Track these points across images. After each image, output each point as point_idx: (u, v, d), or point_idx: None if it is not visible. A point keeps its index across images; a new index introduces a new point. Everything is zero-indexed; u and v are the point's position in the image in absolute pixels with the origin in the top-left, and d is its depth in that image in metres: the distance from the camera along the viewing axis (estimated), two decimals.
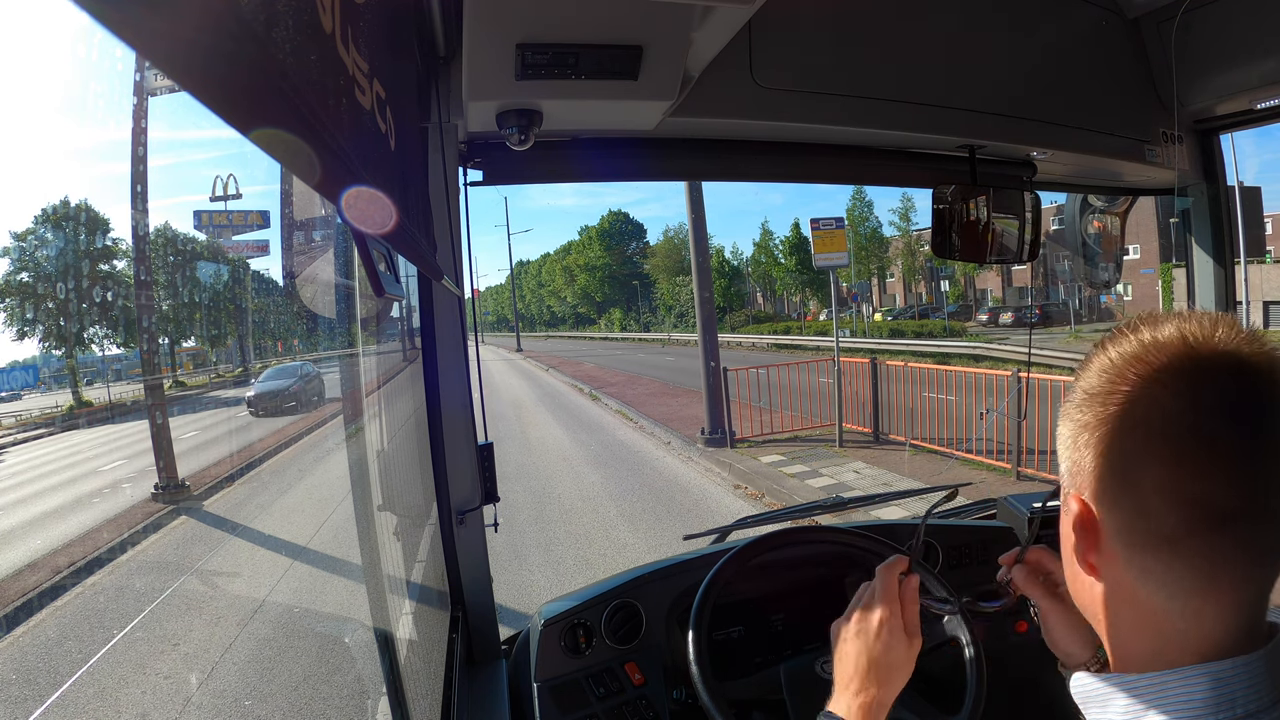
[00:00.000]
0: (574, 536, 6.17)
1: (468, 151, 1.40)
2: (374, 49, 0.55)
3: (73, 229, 17.25)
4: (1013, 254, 1.64)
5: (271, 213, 16.63)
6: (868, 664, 0.85)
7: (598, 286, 62.82)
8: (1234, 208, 1.88)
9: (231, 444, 12.37)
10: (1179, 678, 0.51)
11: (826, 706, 0.85)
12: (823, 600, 1.54)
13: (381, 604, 1.31)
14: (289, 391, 14.89)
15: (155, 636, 4.71)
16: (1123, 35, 1.66)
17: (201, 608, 5.30)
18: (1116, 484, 0.53)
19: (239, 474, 9.55)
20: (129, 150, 9.20)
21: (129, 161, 9.22)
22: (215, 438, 12.89)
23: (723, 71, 1.25)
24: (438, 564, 1.48)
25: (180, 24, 0.21)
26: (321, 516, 7.00)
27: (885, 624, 0.87)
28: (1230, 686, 0.50)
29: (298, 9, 0.33)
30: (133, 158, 9.10)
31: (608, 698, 1.35)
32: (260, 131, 0.27)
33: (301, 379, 15.29)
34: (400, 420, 1.65)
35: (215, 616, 5.07)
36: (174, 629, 4.85)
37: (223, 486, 8.94)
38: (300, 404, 14.62)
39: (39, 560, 6.29)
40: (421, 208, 1.04)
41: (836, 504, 2.00)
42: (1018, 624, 1.53)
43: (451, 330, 1.40)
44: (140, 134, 8.99)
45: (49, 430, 14.52)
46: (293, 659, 4.26)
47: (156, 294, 17.84)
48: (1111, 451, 0.53)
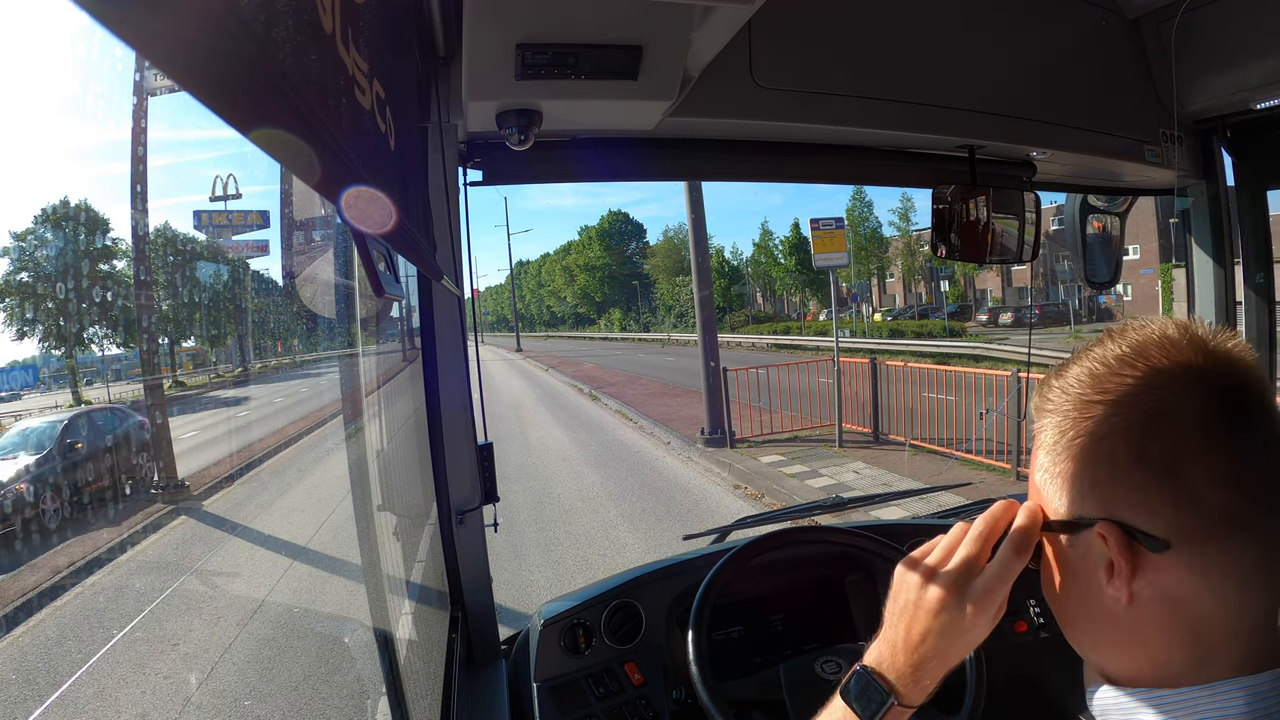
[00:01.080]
0: (574, 537, 6.16)
1: (467, 151, 1.40)
2: (374, 49, 0.55)
3: (72, 229, 17.23)
4: (1012, 254, 1.64)
5: (271, 213, 16.63)
6: (933, 614, 0.62)
7: (597, 287, 62.83)
8: (1234, 209, 1.88)
9: (232, 444, 12.35)
10: (1211, 693, 0.50)
11: (862, 659, 0.67)
12: (823, 600, 1.54)
13: (381, 604, 1.31)
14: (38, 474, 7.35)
15: (155, 636, 4.71)
16: (1123, 35, 1.66)
17: (201, 607, 5.30)
18: (1168, 483, 0.50)
19: (239, 474, 9.54)
20: (129, 150, 9.21)
21: (129, 161, 9.24)
22: (215, 437, 12.87)
23: (722, 71, 1.25)
24: (437, 564, 1.48)
25: (180, 24, 0.21)
26: (321, 517, 7.00)
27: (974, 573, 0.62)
28: (1267, 701, 0.48)
29: (298, 9, 0.33)
30: (132, 157, 9.12)
31: (607, 698, 1.35)
32: (260, 131, 0.27)
33: (63, 452, 7.73)
34: (400, 420, 1.65)
35: (215, 616, 5.07)
36: (174, 629, 4.85)
37: (223, 486, 8.94)
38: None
39: (40, 561, 6.29)
40: (421, 208, 1.04)
41: (836, 504, 2.00)
42: (1018, 624, 1.53)
43: (451, 330, 1.40)
44: (140, 134, 9.01)
45: None
46: (292, 659, 4.27)
47: (156, 294, 17.84)
48: (1156, 449, 0.50)
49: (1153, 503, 0.50)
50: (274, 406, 16.87)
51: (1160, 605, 0.52)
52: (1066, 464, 0.55)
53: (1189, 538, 0.50)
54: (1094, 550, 0.53)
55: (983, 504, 1.97)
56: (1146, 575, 0.51)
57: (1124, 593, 0.52)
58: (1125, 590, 0.52)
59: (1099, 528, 0.52)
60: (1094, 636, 0.57)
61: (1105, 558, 0.52)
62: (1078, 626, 0.58)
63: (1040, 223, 1.65)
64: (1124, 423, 0.51)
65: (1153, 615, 0.52)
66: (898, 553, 1.37)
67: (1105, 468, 0.52)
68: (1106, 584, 0.53)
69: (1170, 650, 0.52)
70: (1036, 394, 0.59)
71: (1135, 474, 0.51)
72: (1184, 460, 0.49)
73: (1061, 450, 0.55)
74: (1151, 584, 0.51)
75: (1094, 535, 0.53)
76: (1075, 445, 0.54)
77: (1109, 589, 0.53)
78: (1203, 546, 0.50)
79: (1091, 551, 0.54)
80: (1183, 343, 0.53)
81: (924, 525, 1.69)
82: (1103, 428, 0.52)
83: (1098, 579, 0.53)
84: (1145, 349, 0.53)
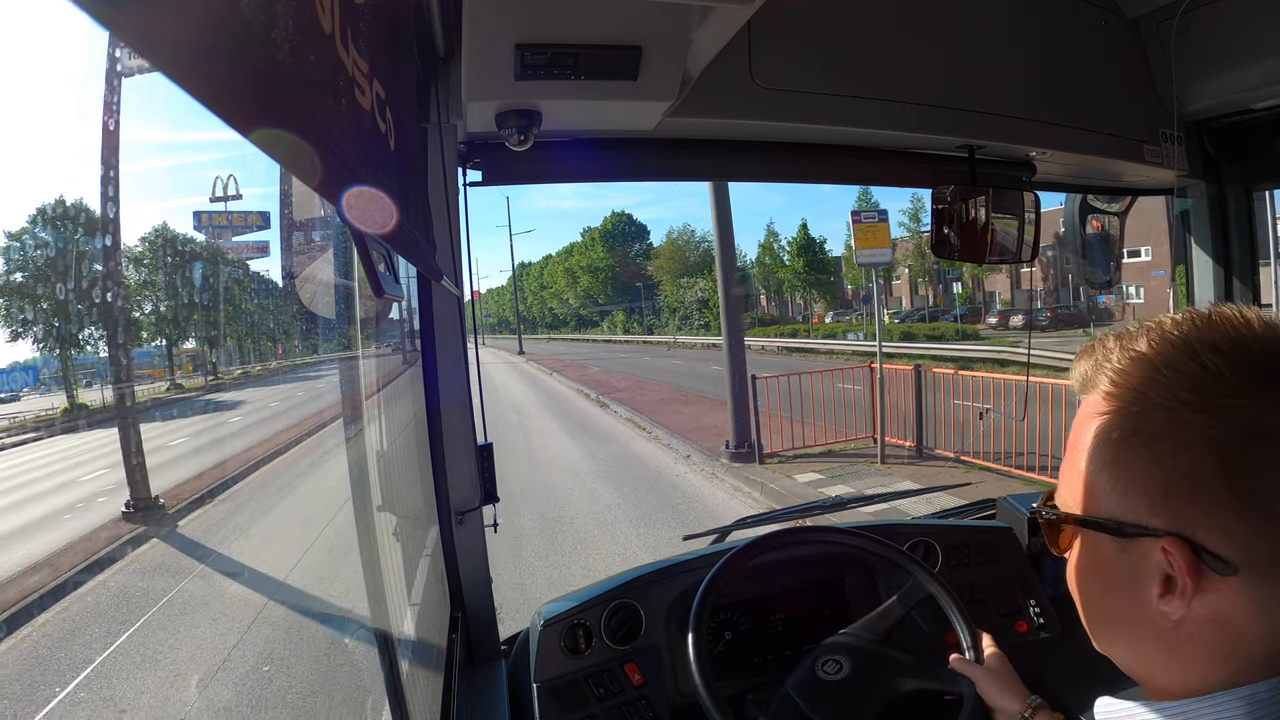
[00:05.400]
0: (590, 573, 5.10)
1: (467, 152, 1.40)
2: (374, 49, 0.55)
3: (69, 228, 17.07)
4: (1012, 254, 1.64)
5: (271, 213, 16.61)
6: None
7: (600, 288, 62.31)
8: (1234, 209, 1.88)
9: (234, 445, 12.33)
10: (1213, 702, 0.48)
11: None
12: (822, 600, 1.54)
13: (381, 604, 1.31)
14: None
15: (155, 636, 4.70)
16: (1122, 35, 1.66)
17: (202, 607, 5.30)
18: (1254, 510, 0.45)
19: (242, 475, 9.53)
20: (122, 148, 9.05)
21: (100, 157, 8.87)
22: (217, 439, 12.87)
23: (722, 72, 1.25)
24: (437, 564, 1.48)
25: (180, 24, 0.21)
26: (321, 518, 6.98)
27: None
28: (1267, 709, 0.46)
29: (298, 9, 0.33)
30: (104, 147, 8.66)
31: (607, 698, 1.35)
32: (260, 132, 0.27)
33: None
34: (400, 420, 1.65)
35: (216, 616, 5.06)
36: (174, 629, 4.85)
37: (227, 487, 8.93)
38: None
39: (41, 560, 6.29)
40: (421, 208, 1.04)
41: (836, 504, 2.00)
42: (1018, 624, 1.53)
43: (451, 331, 1.41)
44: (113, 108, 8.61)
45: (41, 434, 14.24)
46: (292, 659, 4.26)
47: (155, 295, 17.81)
48: (1245, 470, 0.45)
49: (1230, 525, 0.46)
50: (272, 409, 16.86)
51: (1209, 626, 0.48)
52: (1136, 465, 0.49)
53: (1257, 564, 0.46)
54: (1150, 561, 0.49)
55: (982, 504, 1.98)
56: (1205, 595, 0.48)
57: (1178, 610, 0.48)
58: (1181, 608, 0.48)
59: (1164, 542, 0.48)
60: (1127, 643, 0.54)
61: (1161, 571, 0.48)
62: (1110, 631, 0.55)
63: (1040, 223, 1.65)
64: (1218, 437, 0.46)
65: (1198, 633, 0.49)
66: (897, 552, 1.37)
67: (1186, 482, 0.47)
68: (1158, 598, 0.49)
69: (1206, 668, 0.49)
70: (1093, 367, 0.53)
71: (1219, 495, 0.46)
72: (1275, 487, 0.45)
73: (1132, 449, 0.49)
74: (1207, 604, 0.48)
75: (1155, 547, 0.48)
76: (1152, 449, 0.48)
77: (1159, 603, 0.49)
78: (1268, 574, 0.46)
79: (1147, 561, 0.49)
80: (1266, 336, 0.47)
81: (924, 525, 1.69)
82: (1188, 435, 0.47)
83: (1147, 590, 0.50)
84: (1247, 348, 0.47)
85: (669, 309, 53.97)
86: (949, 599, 1.26)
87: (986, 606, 1.53)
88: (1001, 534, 1.64)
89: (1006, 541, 1.63)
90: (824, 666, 1.26)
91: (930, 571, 1.33)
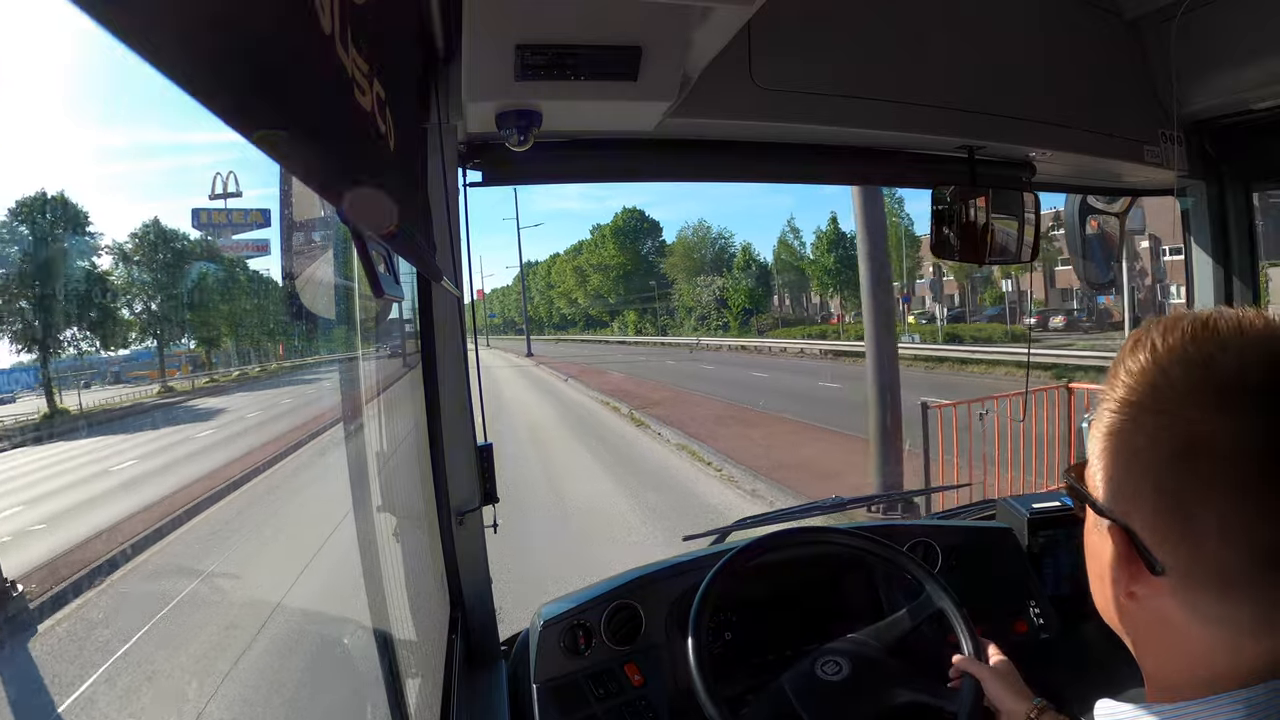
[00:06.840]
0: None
1: (467, 152, 1.40)
2: (374, 50, 0.55)
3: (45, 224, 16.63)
4: (1012, 255, 1.64)
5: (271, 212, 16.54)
6: None
7: (611, 287, 60.07)
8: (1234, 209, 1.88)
9: (239, 445, 12.32)
10: (1211, 706, 0.48)
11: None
12: (823, 601, 1.54)
13: (381, 605, 1.31)
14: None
15: (155, 637, 4.70)
16: (1122, 35, 1.66)
17: (202, 608, 5.30)
18: (1178, 521, 0.47)
19: (243, 479, 9.53)
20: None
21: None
22: (231, 436, 12.84)
23: (722, 72, 1.25)
24: (437, 565, 1.48)
25: (180, 24, 0.21)
26: (320, 519, 6.98)
27: None
28: (1265, 713, 0.47)
29: (298, 9, 0.33)
30: None
31: (607, 698, 1.35)
32: (260, 133, 0.27)
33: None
34: (400, 421, 1.65)
35: (217, 615, 5.06)
36: (175, 629, 4.85)
37: (235, 487, 8.92)
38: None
39: None
40: (421, 208, 1.04)
41: (836, 504, 2.00)
42: (1018, 624, 1.53)
43: (451, 332, 1.41)
44: None
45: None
46: (292, 659, 4.26)
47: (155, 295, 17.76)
48: (1172, 483, 0.47)
49: (1161, 527, 0.48)
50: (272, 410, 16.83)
51: (1154, 621, 0.51)
52: (1107, 456, 0.52)
53: (1177, 572, 0.48)
54: (1109, 541, 0.53)
55: (982, 504, 1.98)
56: (1144, 588, 0.50)
57: (1131, 603, 0.52)
58: (1124, 593, 0.51)
59: (1110, 527, 0.51)
60: (1131, 642, 0.56)
61: (1117, 556, 0.52)
62: (1103, 610, 0.58)
63: (1040, 223, 1.65)
64: (1161, 442, 0.48)
65: (1149, 626, 0.52)
66: (896, 553, 1.37)
67: (1131, 478, 0.50)
68: (1113, 583, 0.52)
69: (1169, 665, 0.52)
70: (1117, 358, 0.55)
71: (1150, 499, 0.49)
72: (1199, 502, 0.46)
73: (1107, 441, 0.53)
74: (1149, 598, 0.50)
75: (1113, 531, 0.52)
76: (1113, 441, 0.51)
77: (1115, 588, 0.52)
78: (1188, 584, 0.48)
79: (1108, 542, 0.53)
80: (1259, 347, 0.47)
81: (924, 525, 1.69)
82: (1143, 439, 0.49)
83: (1113, 573, 0.53)
84: (1210, 359, 0.47)
85: (684, 309, 52.28)
86: (951, 604, 1.27)
87: (986, 607, 1.53)
88: (1001, 534, 1.64)
89: (1006, 542, 1.63)
90: (823, 666, 1.26)
91: (930, 571, 1.33)
